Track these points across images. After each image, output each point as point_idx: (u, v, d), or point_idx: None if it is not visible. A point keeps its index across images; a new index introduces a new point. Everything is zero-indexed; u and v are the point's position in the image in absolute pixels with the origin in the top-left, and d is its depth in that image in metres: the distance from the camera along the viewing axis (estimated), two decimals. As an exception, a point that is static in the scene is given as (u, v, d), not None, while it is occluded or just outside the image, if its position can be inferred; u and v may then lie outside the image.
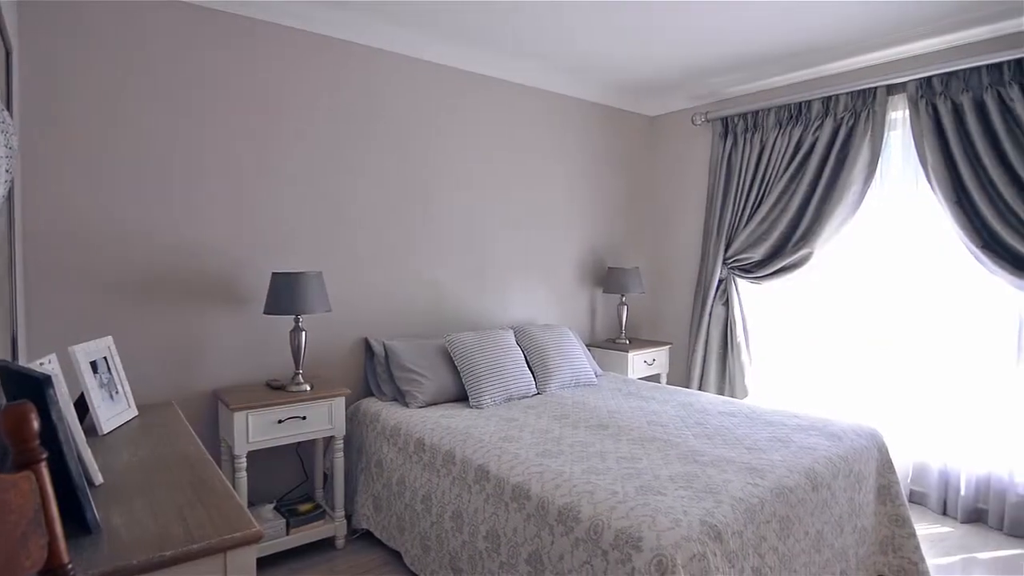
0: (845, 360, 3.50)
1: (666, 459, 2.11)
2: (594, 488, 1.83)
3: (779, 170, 3.62)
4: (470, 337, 3.02)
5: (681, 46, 3.24)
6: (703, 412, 2.72)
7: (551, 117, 3.86)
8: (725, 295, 3.90)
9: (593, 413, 2.69)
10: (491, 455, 2.16)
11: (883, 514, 2.41)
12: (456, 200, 3.41)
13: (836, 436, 2.37)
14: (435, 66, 3.28)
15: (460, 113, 3.40)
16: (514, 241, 3.70)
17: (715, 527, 1.66)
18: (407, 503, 2.42)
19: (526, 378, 3.02)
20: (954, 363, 3.09)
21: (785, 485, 1.95)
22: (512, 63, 3.48)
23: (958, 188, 2.92)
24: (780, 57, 3.41)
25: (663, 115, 4.43)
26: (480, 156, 3.50)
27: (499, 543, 1.95)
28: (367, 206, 3.05)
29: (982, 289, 2.98)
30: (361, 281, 3.04)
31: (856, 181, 3.28)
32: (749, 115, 3.78)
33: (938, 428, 3.13)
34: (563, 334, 3.41)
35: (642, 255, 4.55)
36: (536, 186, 3.80)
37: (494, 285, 3.61)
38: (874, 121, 3.22)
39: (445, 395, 2.87)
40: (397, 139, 3.15)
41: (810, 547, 1.99)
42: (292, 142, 2.80)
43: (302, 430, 2.51)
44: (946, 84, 2.95)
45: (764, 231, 3.66)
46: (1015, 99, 2.72)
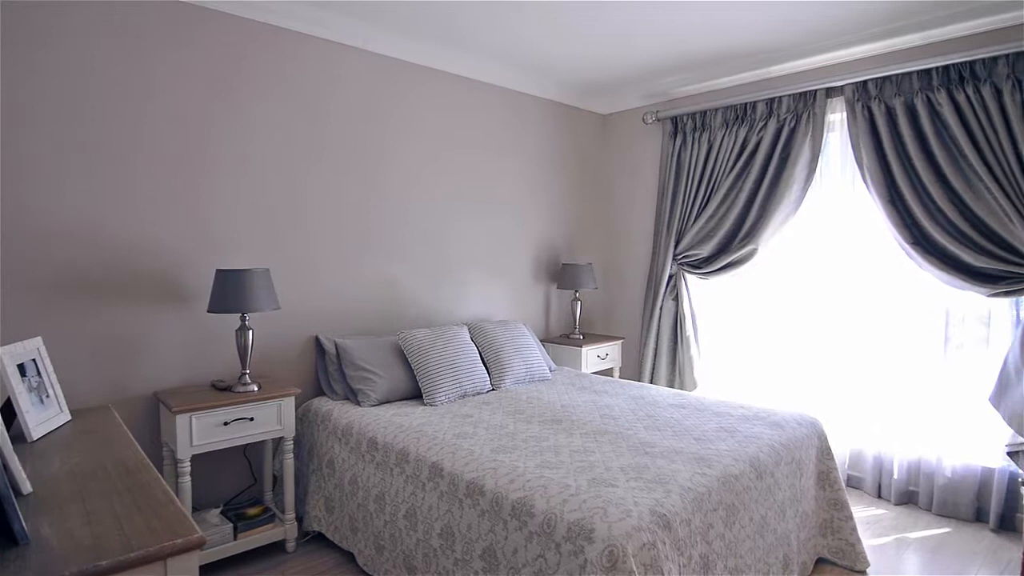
0: (788, 352, 3.64)
1: (618, 451, 2.15)
2: (547, 482, 1.85)
3: (726, 169, 3.73)
4: (424, 334, 3.00)
5: (631, 46, 3.29)
6: (654, 404, 2.78)
7: (505, 113, 3.86)
8: (675, 290, 4.00)
9: (547, 408, 2.71)
10: (445, 452, 2.15)
11: (823, 499, 2.52)
12: (411, 196, 3.37)
13: (779, 425, 2.46)
14: (390, 60, 3.23)
15: (415, 108, 3.36)
16: (469, 237, 3.69)
17: (664, 516, 1.70)
18: (360, 503, 2.39)
19: (481, 374, 3.01)
20: (887, 354, 3.25)
21: (731, 474, 2.02)
22: (465, 59, 3.46)
23: (891, 187, 3.07)
24: (726, 59, 3.51)
25: (615, 113, 4.49)
26: (435, 152, 3.47)
27: (454, 540, 1.95)
28: (318, 202, 2.98)
29: (913, 284, 3.14)
30: (312, 278, 2.98)
31: (798, 180, 3.41)
32: (697, 115, 3.87)
33: (873, 416, 3.29)
34: (517, 330, 3.42)
35: (596, 251, 4.61)
36: (491, 182, 3.80)
37: (449, 281, 3.59)
38: (814, 122, 3.35)
39: (398, 393, 2.84)
40: (350, 133, 3.08)
41: (755, 532, 2.06)
42: (239, 135, 2.71)
43: (249, 432, 2.44)
44: (880, 88, 3.09)
45: (712, 228, 3.77)
46: (943, 103, 2.87)
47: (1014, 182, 2.71)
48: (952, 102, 2.86)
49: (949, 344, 3.07)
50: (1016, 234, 2.70)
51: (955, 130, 2.83)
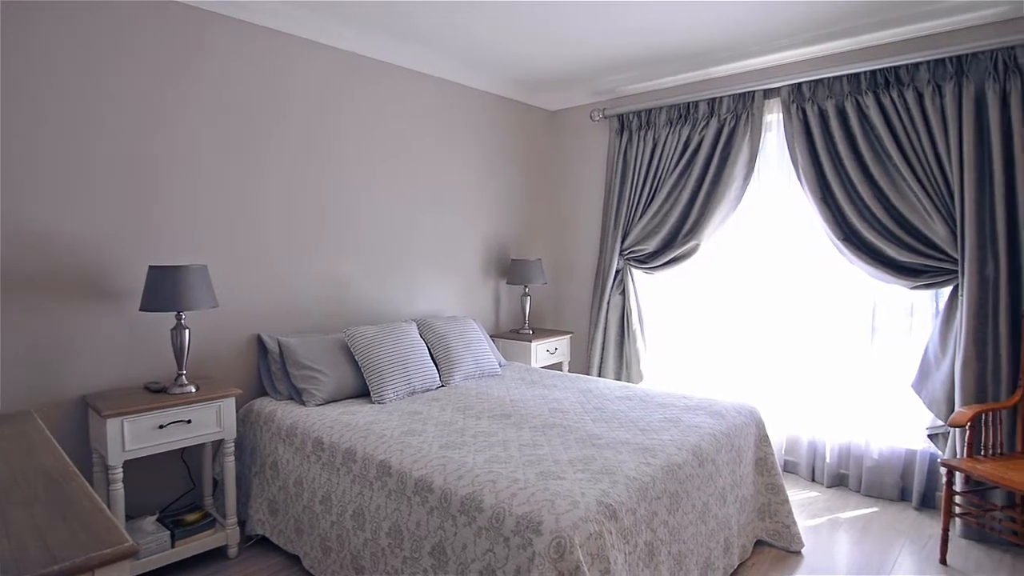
0: (728, 343, 3.78)
1: (566, 444, 2.18)
2: (496, 477, 1.86)
3: (670, 166, 3.82)
4: (371, 331, 2.95)
5: (580, 44, 3.32)
6: (601, 397, 2.83)
7: (455, 108, 3.83)
8: (622, 285, 4.07)
9: (497, 403, 2.72)
10: (393, 450, 2.13)
11: (761, 484, 2.62)
12: (359, 191, 3.30)
13: (720, 414, 2.55)
14: (340, 52, 3.15)
15: (365, 102, 3.29)
16: (419, 233, 3.65)
17: (610, 506, 1.73)
18: (305, 505, 2.33)
19: (430, 371, 2.99)
20: (820, 344, 3.41)
21: (674, 462, 2.08)
22: (416, 52, 3.41)
23: (823, 186, 3.22)
24: (671, 59, 3.59)
25: (563, 110, 4.53)
26: (384, 146, 3.41)
27: (402, 538, 1.93)
28: (262, 196, 2.89)
29: (843, 278, 3.31)
30: (254, 275, 2.88)
31: (737, 178, 3.53)
32: (643, 113, 3.95)
33: (807, 403, 3.45)
34: (467, 325, 3.41)
35: (545, 246, 4.65)
36: (441, 177, 3.77)
37: (397, 278, 3.55)
38: (752, 123, 3.48)
39: (345, 391, 2.79)
40: (296, 126, 2.99)
41: (697, 519, 2.13)
42: (178, 126, 2.58)
43: (187, 435, 2.34)
44: (813, 91, 3.23)
45: (657, 224, 3.86)
46: (870, 106, 3.03)
47: (934, 181, 2.89)
48: (879, 105, 3.01)
49: (876, 334, 3.25)
50: (935, 230, 2.88)
51: (881, 132, 2.99)
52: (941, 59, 2.84)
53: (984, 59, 2.74)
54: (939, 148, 2.85)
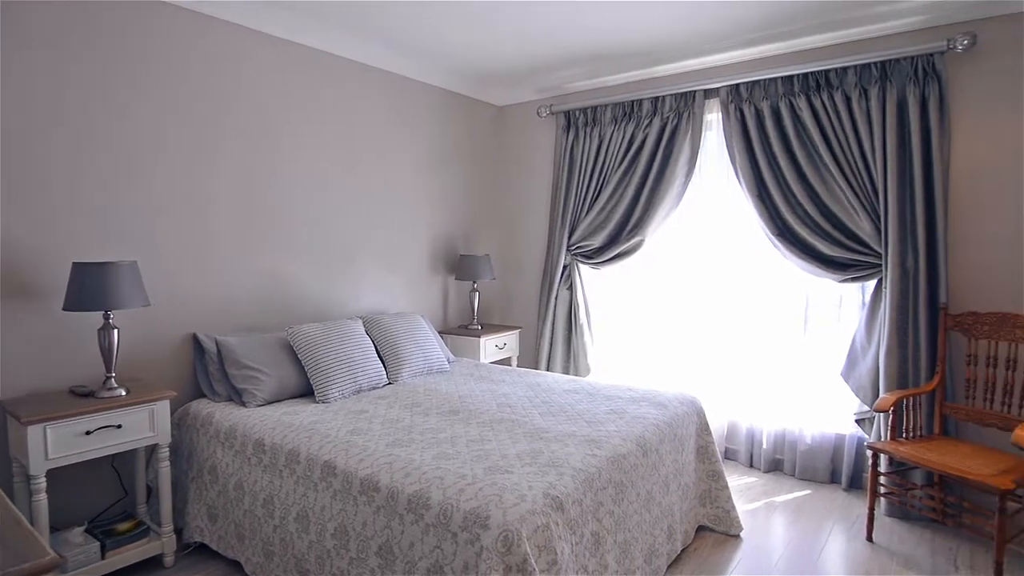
0: (671, 335, 3.88)
1: (514, 438, 2.19)
2: (444, 473, 1.85)
3: (615, 163, 3.88)
4: (315, 328, 2.88)
5: (526, 40, 3.33)
6: (549, 391, 2.86)
7: (400, 101, 3.78)
8: (569, 280, 4.12)
9: (445, 399, 2.71)
10: (338, 449, 2.08)
11: (702, 471, 2.71)
12: (301, 184, 3.21)
13: (663, 405, 2.62)
14: (281, 42, 3.05)
15: (305, 93, 3.19)
16: (364, 228, 3.58)
17: (557, 498, 1.76)
18: (247, 509, 2.26)
19: (376, 368, 2.95)
20: (757, 335, 3.56)
21: (620, 453, 2.12)
22: (360, 44, 3.34)
23: (759, 184, 3.35)
24: (616, 57, 3.64)
25: (511, 105, 4.54)
26: (327, 139, 3.33)
27: (348, 539, 1.90)
28: (195, 189, 2.76)
29: (778, 272, 3.45)
30: (189, 272, 2.76)
31: (679, 175, 3.63)
32: (589, 110, 4.00)
33: (746, 392, 3.59)
34: (415, 322, 3.38)
35: (493, 242, 4.65)
36: (387, 171, 3.71)
37: (343, 274, 3.47)
38: (694, 122, 3.58)
39: (288, 391, 2.72)
40: (232, 117, 2.88)
41: (641, 507, 2.18)
42: (107, 116, 2.44)
43: (117, 440, 2.22)
44: (750, 92, 3.35)
45: (603, 220, 3.92)
46: (803, 108, 3.17)
47: (860, 180, 3.05)
48: (810, 107, 3.15)
49: (808, 326, 3.41)
50: (861, 226, 3.04)
51: (812, 132, 3.13)
52: (867, 64, 2.99)
53: (906, 65, 2.90)
54: (865, 148, 3.01)
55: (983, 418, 2.69)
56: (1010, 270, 2.85)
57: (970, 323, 2.76)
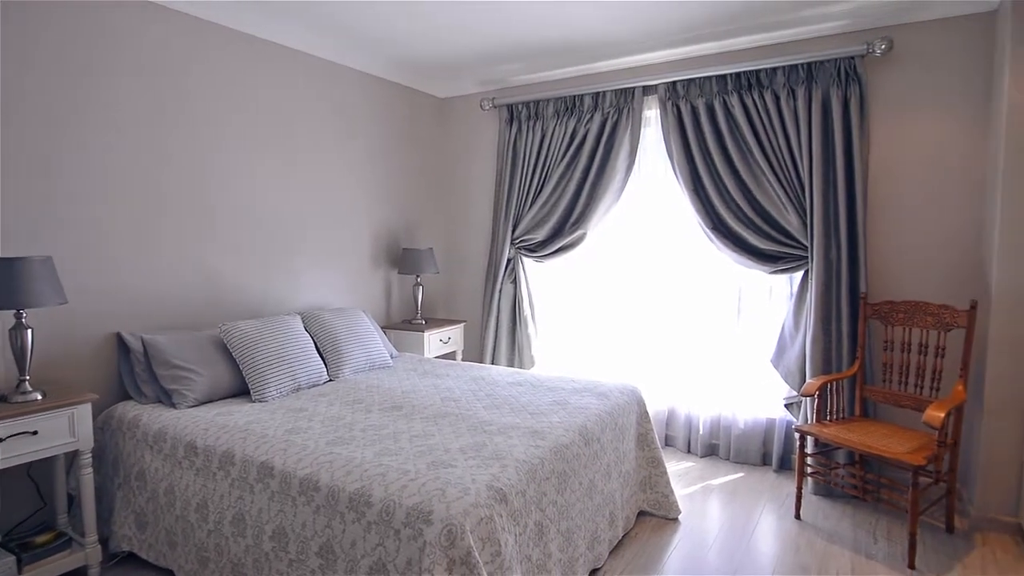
0: (613, 327, 3.97)
1: (457, 432, 2.19)
2: (386, 470, 1.83)
3: (557, 157, 3.92)
4: (250, 325, 2.78)
5: (465, 30, 3.30)
6: (493, 384, 2.87)
7: (339, 90, 3.68)
8: (513, 273, 4.14)
9: (387, 395, 2.67)
10: (276, 449, 2.02)
11: (642, 458, 2.79)
12: (233, 174, 3.08)
13: (604, 395, 2.67)
14: (213, 26, 2.90)
15: (238, 80, 3.06)
16: (302, 221, 3.48)
17: (501, 490, 1.77)
18: (178, 515, 2.16)
19: (316, 365, 2.88)
20: (694, 325, 3.68)
21: (562, 443, 2.15)
22: (296, 30, 3.22)
23: (695, 179, 3.46)
24: (558, 52, 3.66)
25: (453, 97, 4.50)
26: (262, 129, 3.20)
27: (287, 541, 1.85)
28: (119, 181, 2.60)
29: (713, 264, 3.58)
30: (111, 268, 2.60)
31: (620, 170, 3.70)
32: (531, 104, 4.01)
33: (683, 380, 3.71)
34: (356, 317, 3.32)
35: (437, 235, 4.61)
36: (325, 162, 3.61)
37: (280, 269, 3.36)
38: (633, 117, 3.65)
39: (222, 391, 2.61)
40: (159, 103, 2.72)
41: (584, 495, 2.23)
42: (16, 100, 2.26)
43: (33, 448, 2.08)
44: (687, 89, 3.45)
45: (546, 214, 3.95)
46: (735, 106, 3.28)
47: (788, 176, 3.19)
48: (742, 105, 3.28)
49: (741, 315, 3.55)
50: (789, 220, 3.19)
51: (744, 130, 3.25)
52: (795, 65, 3.13)
53: (829, 67, 3.06)
54: (792, 146, 3.16)
55: (898, 400, 2.88)
56: (922, 261, 3.05)
57: (887, 311, 2.95)
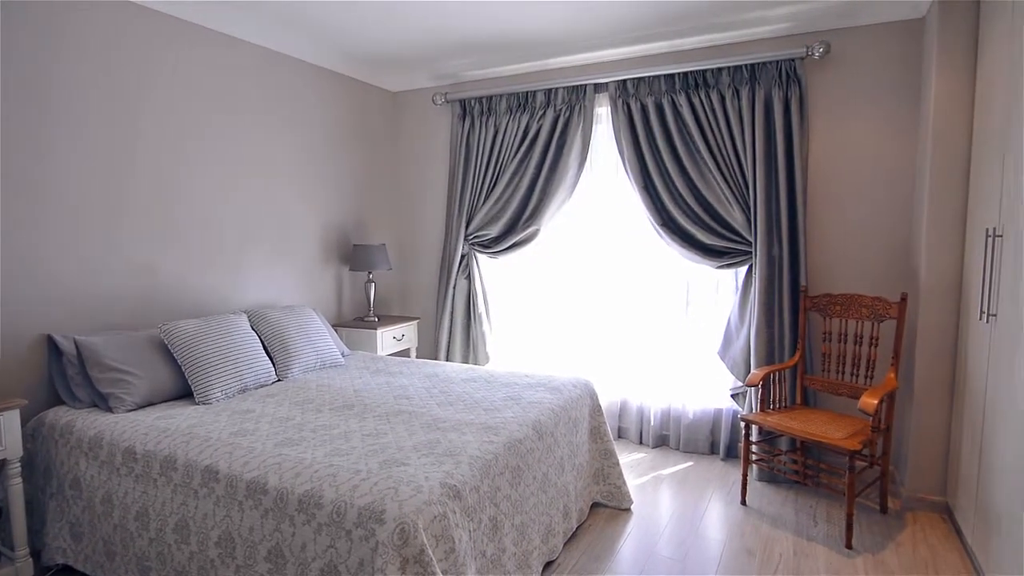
0: (566, 322, 4.01)
1: (411, 430, 2.17)
2: (337, 470, 1.79)
3: (511, 153, 3.92)
4: (193, 325, 2.68)
5: (417, 23, 3.26)
6: (447, 381, 2.86)
7: (288, 83, 3.58)
8: (467, 269, 4.13)
9: (339, 394, 2.62)
10: (221, 453, 1.96)
11: (595, 450, 2.83)
12: (175, 169, 2.95)
13: (557, 389, 2.70)
14: (146, 10, 2.76)
15: (181, 69, 2.93)
16: (249, 217, 3.37)
17: (454, 487, 1.76)
18: (117, 523, 2.07)
19: (263, 365, 2.80)
20: (645, 319, 3.76)
21: (516, 438, 2.16)
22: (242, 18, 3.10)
23: (645, 176, 3.52)
24: (510, 47, 3.66)
25: (405, 92, 4.45)
26: (206, 120, 3.08)
27: (234, 546, 1.79)
28: (46, 172, 2.46)
29: (662, 259, 3.66)
30: (39, 266, 2.46)
31: (572, 167, 3.73)
32: (484, 99, 4.00)
33: (635, 373, 3.79)
34: (306, 315, 3.24)
35: (389, 231, 4.55)
36: (274, 157, 3.50)
37: (224, 265, 3.25)
38: (585, 114, 3.69)
39: (162, 394, 2.51)
40: (90, 93, 2.58)
41: (538, 489, 2.24)
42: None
43: (-47, 458, 1.95)
44: (637, 88, 3.51)
45: (499, 209, 3.95)
46: (683, 105, 3.36)
47: (733, 173, 3.29)
48: (690, 104, 3.35)
49: (689, 309, 3.65)
50: (734, 216, 3.29)
51: (691, 128, 3.33)
52: (739, 66, 3.23)
53: (772, 68, 3.16)
54: (737, 144, 3.25)
55: (836, 388, 3.01)
56: (857, 256, 3.21)
57: (825, 304, 3.08)
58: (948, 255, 2.69)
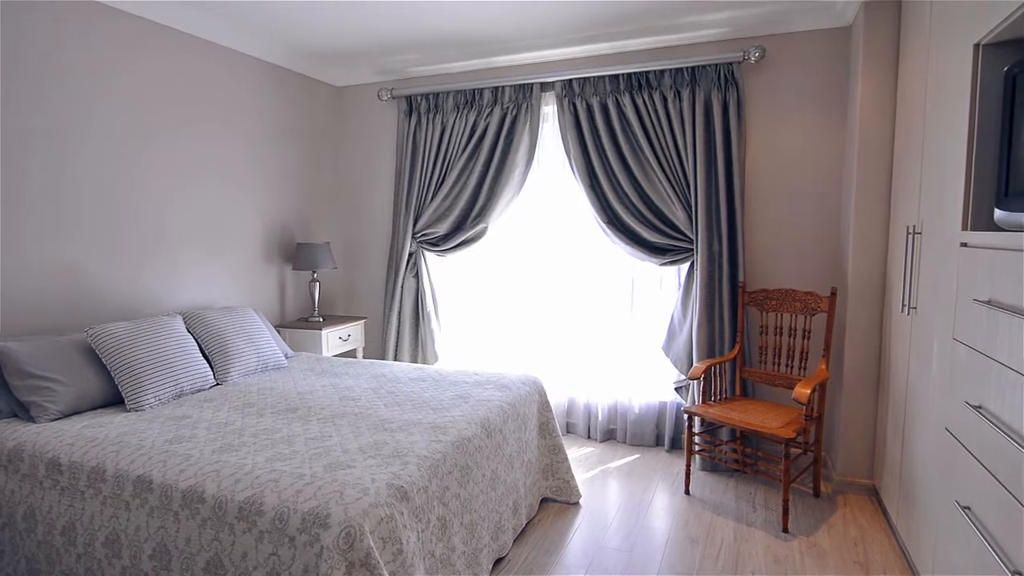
0: (516, 319, 4.03)
1: (357, 432, 2.13)
2: (279, 475, 1.74)
3: (458, 151, 3.91)
4: (123, 328, 2.55)
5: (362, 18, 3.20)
6: (395, 381, 2.82)
7: (226, 75, 3.44)
8: (415, 268, 4.09)
9: (281, 397, 2.55)
10: (155, 462, 1.87)
11: (544, 446, 2.86)
12: (102, 162, 2.79)
13: (506, 387, 2.71)
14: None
15: (110, 56, 2.77)
16: (182, 213, 3.23)
17: (402, 488, 1.74)
18: (40, 540, 1.95)
19: (201, 369, 2.69)
20: (592, 316, 3.82)
21: (465, 437, 2.16)
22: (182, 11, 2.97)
23: (591, 174, 3.57)
24: (456, 44, 3.64)
25: (350, 87, 4.36)
26: (138, 112, 2.93)
27: (170, 559, 1.72)
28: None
29: (608, 257, 3.72)
30: (-53, 266, 2.28)
31: (520, 164, 3.75)
32: (431, 96, 3.97)
33: (583, 369, 3.84)
34: (246, 316, 3.13)
35: (335, 230, 4.45)
36: (211, 152, 3.36)
37: (158, 266, 3.10)
38: (532, 113, 3.71)
39: (90, 401, 2.38)
40: (14, 79, 2.42)
41: (487, 487, 2.25)
42: None
43: None
44: (582, 87, 3.55)
45: (447, 207, 3.93)
46: (627, 105, 3.42)
47: (676, 173, 3.38)
48: (634, 104, 3.42)
49: (635, 306, 3.73)
50: (676, 215, 3.38)
51: (636, 128, 3.40)
52: (680, 68, 3.32)
53: (711, 71, 3.26)
54: (679, 144, 3.34)
55: (773, 379, 3.14)
56: (791, 252, 3.35)
57: (762, 298, 3.21)
58: (873, 251, 2.84)
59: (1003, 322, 1.46)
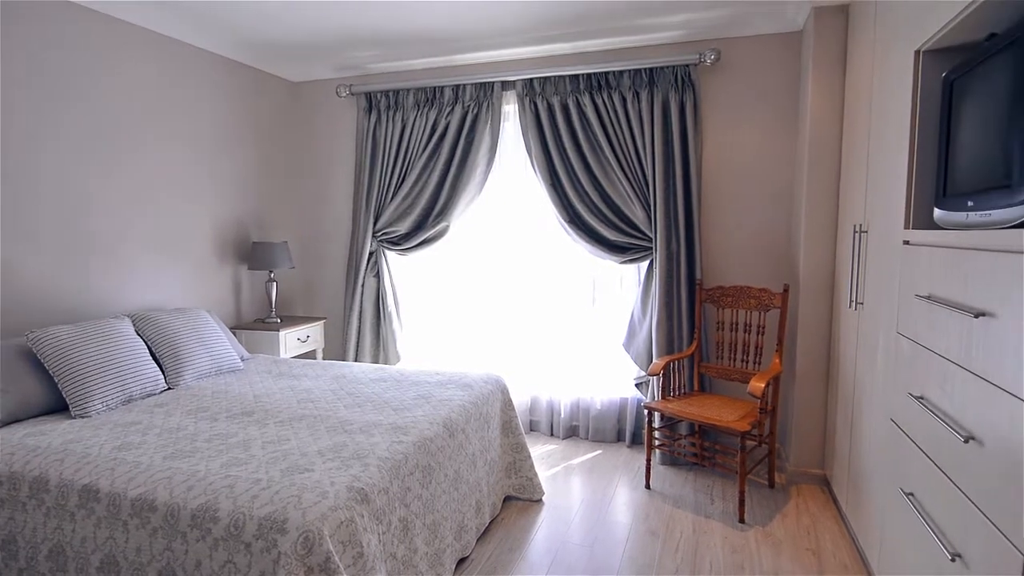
0: (478, 318, 4.02)
1: (316, 434, 2.09)
2: (234, 481, 1.70)
3: (419, 149, 3.87)
4: (67, 331, 2.44)
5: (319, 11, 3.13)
6: (355, 382, 2.78)
7: (177, 70, 3.32)
8: (376, 267, 4.03)
9: (237, 401, 2.48)
10: (102, 470, 1.80)
11: (507, 445, 2.86)
12: (42, 158, 2.66)
13: (468, 386, 2.70)
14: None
15: (50, 48, 2.64)
16: (132, 213, 3.10)
17: (362, 490, 1.72)
18: (-24, 555, 1.85)
19: (151, 372, 2.59)
20: (553, 314, 3.84)
21: (426, 437, 2.14)
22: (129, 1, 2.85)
23: (552, 173, 3.59)
24: (415, 41, 3.60)
25: (307, 82, 4.27)
26: (82, 108, 2.80)
27: (119, 570, 1.65)
28: None
29: (569, 255, 3.75)
30: None
31: (481, 163, 3.74)
32: (391, 93, 3.92)
33: (545, 367, 3.87)
34: (199, 318, 3.04)
35: (292, 228, 4.35)
36: (160, 148, 3.24)
37: (103, 266, 2.98)
38: (493, 112, 3.70)
39: (32, 408, 2.27)
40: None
41: (450, 487, 2.24)
42: None
43: None
44: (543, 87, 3.57)
45: (408, 206, 3.89)
46: (587, 105, 3.46)
47: (635, 171, 3.43)
48: (594, 104, 3.46)
49: (596, 304, 3.77)
50: (636, 214, 3.43)
51: (596, 128, 3.44)
52: (639, 70, 3.36)
53: (668, 73, 3.32)
54: (638, 144, 3.39)
55: (729, 374, 3.22)
56: (746, 251, 3.44)
57: (718, 296, 3.29)
58: (823, 249, 2.95)
59: (942, 316, 1.53)
